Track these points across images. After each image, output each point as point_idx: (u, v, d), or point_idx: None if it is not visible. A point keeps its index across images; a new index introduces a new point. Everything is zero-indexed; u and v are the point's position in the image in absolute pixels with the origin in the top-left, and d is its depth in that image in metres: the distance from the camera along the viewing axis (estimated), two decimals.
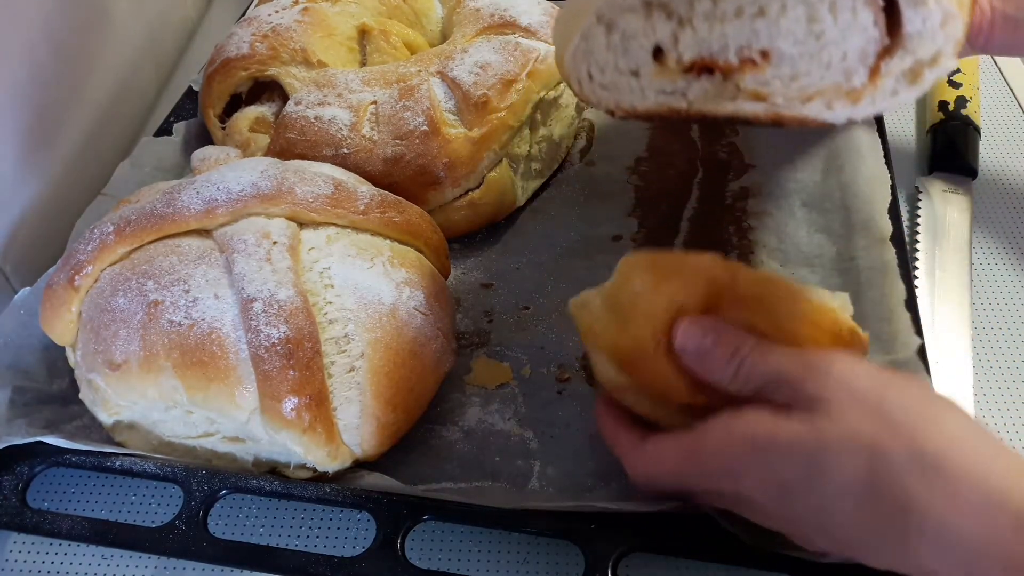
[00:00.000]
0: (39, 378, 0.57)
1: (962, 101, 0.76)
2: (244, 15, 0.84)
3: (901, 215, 0.64)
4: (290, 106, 0.67)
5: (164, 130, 0.76)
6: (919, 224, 0.69)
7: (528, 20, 0.70)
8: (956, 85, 0.77)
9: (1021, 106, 0.81)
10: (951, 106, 0.76)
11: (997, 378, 0.60)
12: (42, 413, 0.55)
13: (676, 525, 0.46)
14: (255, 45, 0.70)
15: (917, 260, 0.66)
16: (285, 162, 0.58)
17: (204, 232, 0.54)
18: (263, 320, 0.49)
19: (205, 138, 0.74)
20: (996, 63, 0.85)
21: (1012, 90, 0.82)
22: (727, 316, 0.45)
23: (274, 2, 0.74)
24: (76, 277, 0.53)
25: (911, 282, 0.58)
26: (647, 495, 0.47)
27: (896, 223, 0.62)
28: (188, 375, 0.49)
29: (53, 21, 0.69)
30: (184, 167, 0.72)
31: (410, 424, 0.53)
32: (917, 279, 0.65)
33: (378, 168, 0.64)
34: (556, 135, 0.72)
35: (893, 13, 0.33)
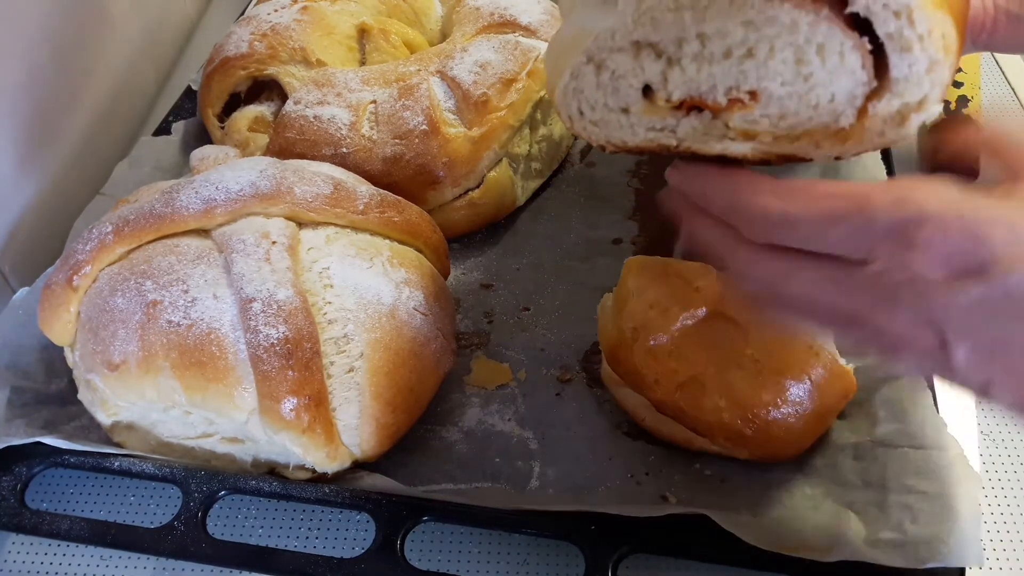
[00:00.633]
0: (38, 378, 0.57)
1: (963, 100, 0.75)
2: (243, 14, 0.83)
3: None
4: (289, 105, 0.67)
5: (163, 129, 0.75)
6: None
7: (528, 19, 0.70)
8: (957, 84, 0.77)
9: (1022, 105, 0.80)
10: (952, 105, 0.75)
11: None
12: (41, 413, 0.55)
13: (676, 526, 0.46)
14: (254, 44, 0.70)
15: None
16: (284, 161, 0.58)
17: (203, 232, 0.54)
18: (262, 320, 0.48)
19: (204, 137, 0.73)
20: (997, 63, 0.84)
21: (1013, 89, 0.82)
22: (711, 325, 0.51)
23: (273, 1, 0.74)
24: (75, 277, 0.52)
25: None
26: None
27: None
28: (187, 375, 0.48)
29: (52, 21, 0.69)
30: (183, 166, 0.72)
31: (410, 425, 0.53)
32: None
33: (377, 167, 0.64)
34: (556, 134, 0.72)
35: (881, 56, 0.33)
